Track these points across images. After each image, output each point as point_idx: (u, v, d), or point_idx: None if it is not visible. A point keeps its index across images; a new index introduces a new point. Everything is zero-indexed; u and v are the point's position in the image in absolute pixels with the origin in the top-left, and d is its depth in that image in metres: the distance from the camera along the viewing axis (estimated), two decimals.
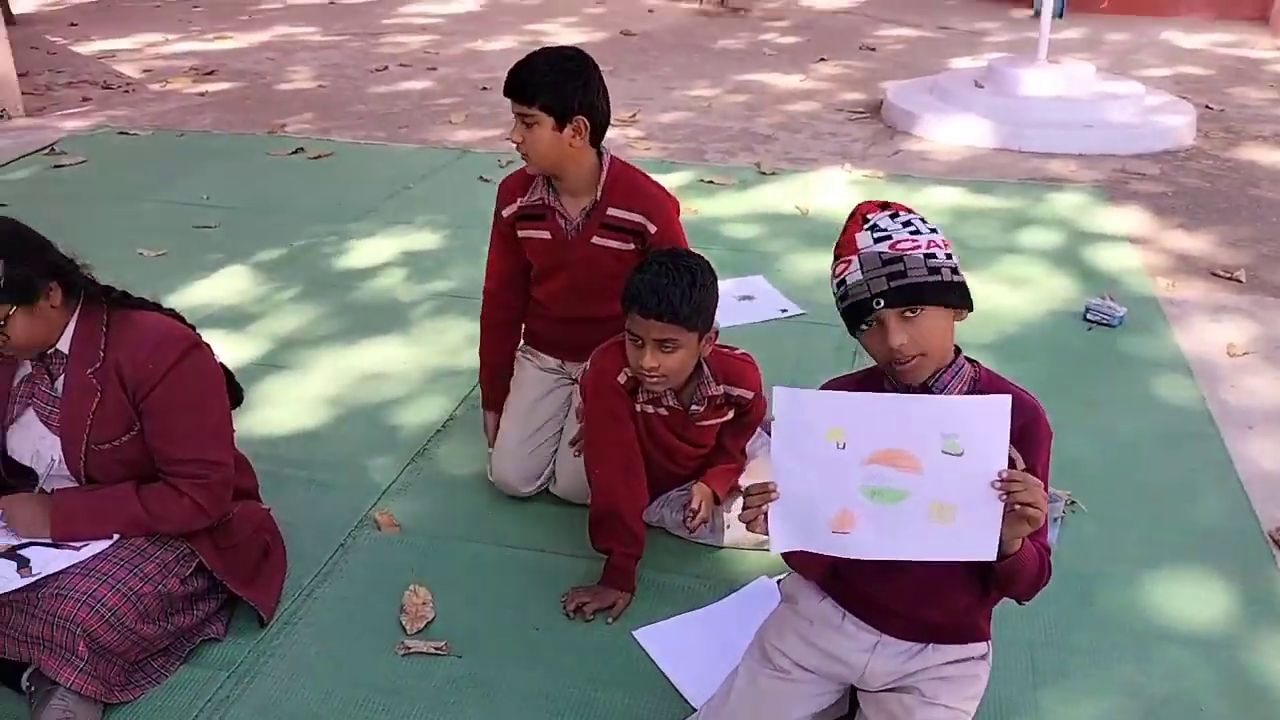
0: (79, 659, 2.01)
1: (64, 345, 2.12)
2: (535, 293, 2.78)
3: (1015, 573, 1.69)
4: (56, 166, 5.73)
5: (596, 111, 2.48)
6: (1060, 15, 9.41)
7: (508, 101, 2.47)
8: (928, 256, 1.67)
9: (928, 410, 1.61)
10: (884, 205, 1.76)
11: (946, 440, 1.59)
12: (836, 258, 1.76)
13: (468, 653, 2.30)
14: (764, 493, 1.66)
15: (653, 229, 2.58)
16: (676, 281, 2.23)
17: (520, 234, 2.68)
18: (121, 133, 6.36)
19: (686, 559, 2.60)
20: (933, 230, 1.73)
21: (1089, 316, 3.85)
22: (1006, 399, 1.58)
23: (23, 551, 2.11)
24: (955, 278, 1.70)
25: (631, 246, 2.60)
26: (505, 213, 2.69)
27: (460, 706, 2.17)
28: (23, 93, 6.80)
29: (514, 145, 2.51)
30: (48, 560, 2.09)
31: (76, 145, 6.09)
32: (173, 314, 2.27)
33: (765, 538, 1.70)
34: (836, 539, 1.66)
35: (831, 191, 5.30)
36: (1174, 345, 3.68)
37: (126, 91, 7.47)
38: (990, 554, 1.61)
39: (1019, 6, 10.06)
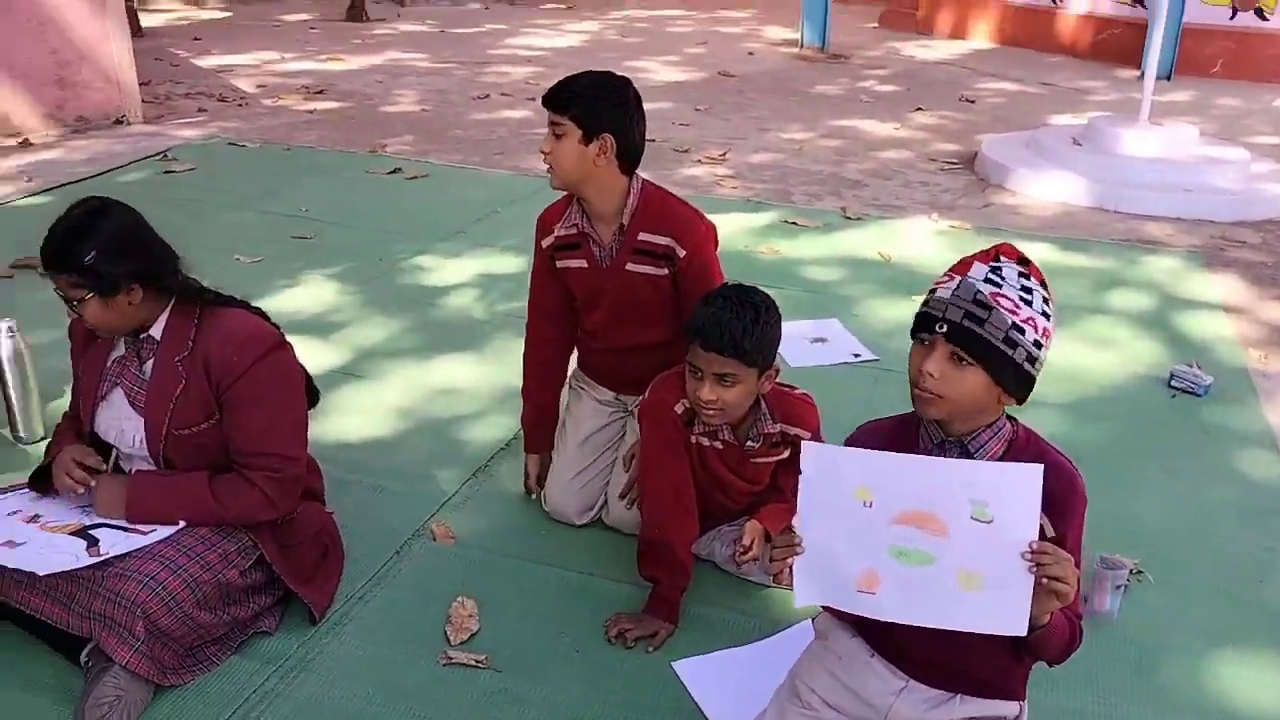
0: (135, 639, 2.09)
1: (156, 332, 2.23)
2: (582, 324, 2.79)
3: (1044, 641, 1.65)
4: (167, 172, 6.01)
5: (627, 136, 2.48)
6: (1169, 77, 9.22)
7: None
8: (1015, 328, 1.62)
9: (957, 474, 1.59)
10: (1024, 260, 1.70)
11: (975, 506, 1.56)
12: (950, 269, 1.72)
13: (508, 668, 2.33)
14: (789, 545, 1.66)
15: (682, 252, 2.55)
16: (740, 316, 2.24)
17: (559, 264, 2.69)
18: (231, 144, 6.64)
19: (733, 595, 2.59)
20: (1045, 315, 1.66)
21: (1174, 383, 3.75)
22: (1038, 469, 1.54)
23: (93, 531, 2.20)
24: (1025, 364, 1.64)
25: (665, 271, 2.58)
26: (544, 244, 2.70)
27: None
28: (143, 101, 7.17)
29: (542, 156, 2.52)
30: (115, 542, 2.18)
31: (188, 153, 6.37)
32: (261, 314, 2.37)
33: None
34: (862, 598, 1.64)
35: (916, 240, 5.26)
36: (1261, 419, 3.56)
37: (240, 105, 7.80)
38: (1020, 629, 1.57)
39: (1127, 67, 9.89)
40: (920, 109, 8.35)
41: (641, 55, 10.43)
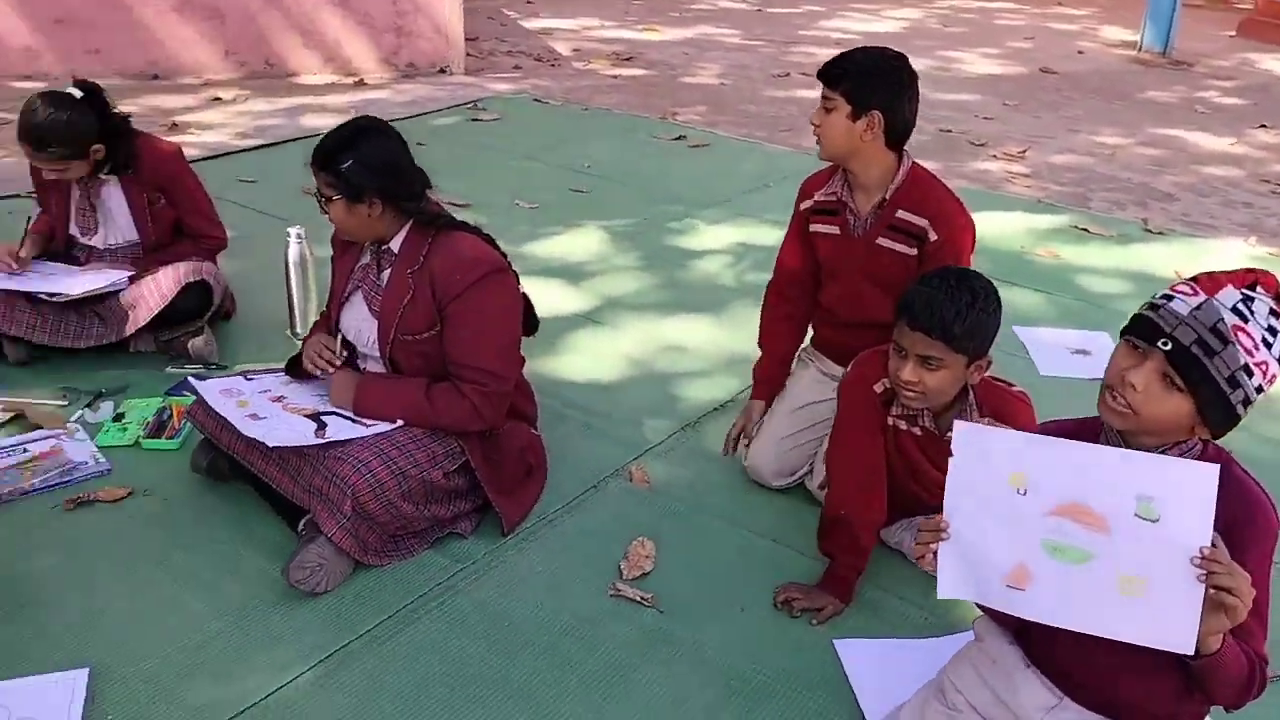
0: (343, 516, 2.31)
1: (395, 245, 2.45)
2: (821, 297, 2.80)
3: (1214, 673, 1.48)
4: (474, 120, 6.47)
5: (896, 114, 2.49)
6: None
7: None
8: (1245, 369, 1.47)
9: (1122, 465, 1.45)
10: None
11: (1141, 503, 1.42)
12: (1194, 279, 1.57)
13: (670, 611, 2.38)
14: (935, 530, 1.58)
15: (934, 236, 2.52)
16: (954, 299, 2.15)
17: (812, 228, 2.72)
18: (536, 100, 7.04)
19: (916, 589, 2.49)
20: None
21: None
22: (1214, 468, 1.39)
23: (324, 417, 2.45)
24: (1239, 406, 1.49)
25: (914, 252, 2.56)
26: (802, 206, 2.75)
27: (647, 657, 2.24)
28: (467, 54, 7.73)
29: (812, 128, 2.57)
30: (341, 429, 2.42)
31: (496, 105, 6.83)
32: (491, 241, 2.53)
33: None
34: (1010, 595, 1.54)
35: (1223, 264, 4.72)
36: None
37: (552, 65, 8.25)
38: (1185, 645, 1.42)
39: None
40: (1265, 126, 7.51)
41: (959, 46, 10.02)
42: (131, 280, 3.24)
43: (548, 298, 3.85)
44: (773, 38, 10.04)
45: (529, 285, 2.65)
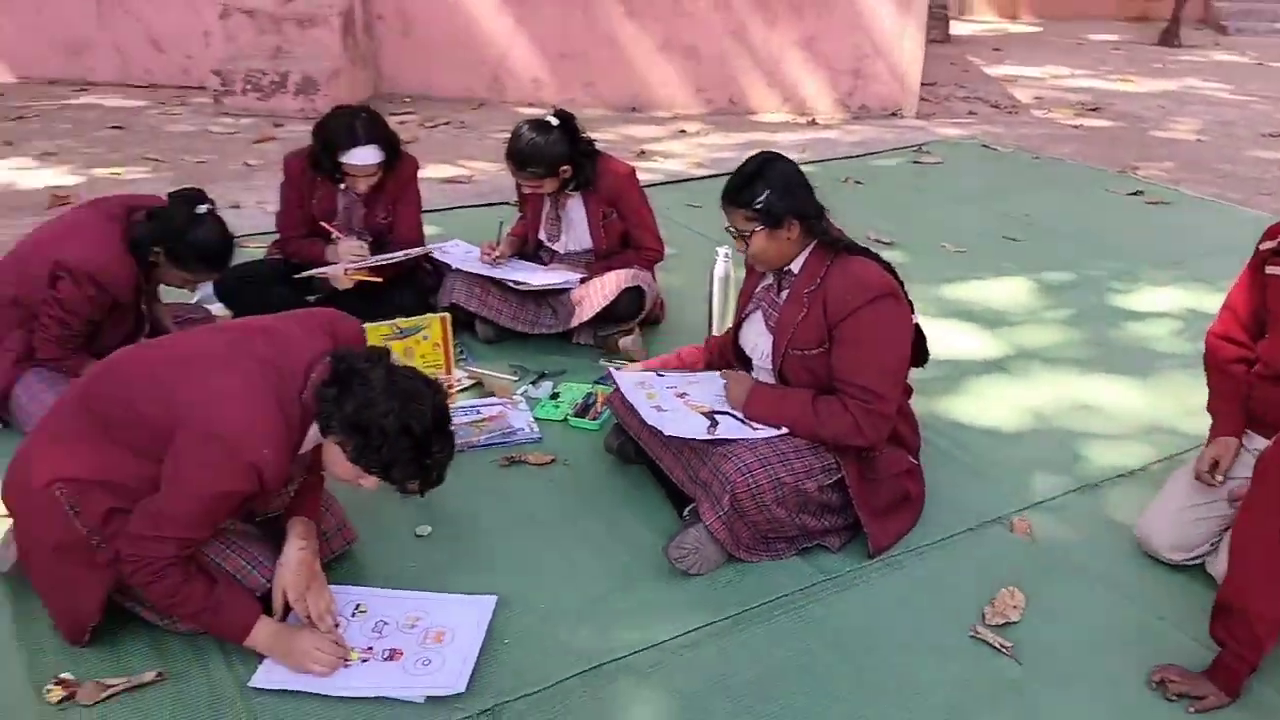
0: (721, 508, 2.50)
1: (795, 267, 2.62)
2: (1262, 348, 2.60)
3: None
4: (916, 162, 6.51)
5: None
6: None
7: None
8: None
9: None
10: None
11: None
12: None
13: (1030, 665, 2.30)
14: None
15: None
16: None
17: (1268, 270, 2.56)
18: (984, 145, 6.93)
19: None
20: None
21: None
22: None
23: (718, 417, 2.67)
24: None
25: None
26: (1262, 246, 2.60)
27: (999, 703, 2.20)
28: (921, 99, 7.77)
29: None
30: (730, 429, 2.61)
31: (941, 149, 6.81)
32: (889, 268, 2.61)
33: None
34: None
35: None
36: None
37: (1010, 112, 8.05)
38: None
39: None
40: None
41: None
42: (581, 281, 3.71)
43: (957, 340, 3.82)
44: (1269, 93, 9.04)
45: (939, 325, 2.70)
